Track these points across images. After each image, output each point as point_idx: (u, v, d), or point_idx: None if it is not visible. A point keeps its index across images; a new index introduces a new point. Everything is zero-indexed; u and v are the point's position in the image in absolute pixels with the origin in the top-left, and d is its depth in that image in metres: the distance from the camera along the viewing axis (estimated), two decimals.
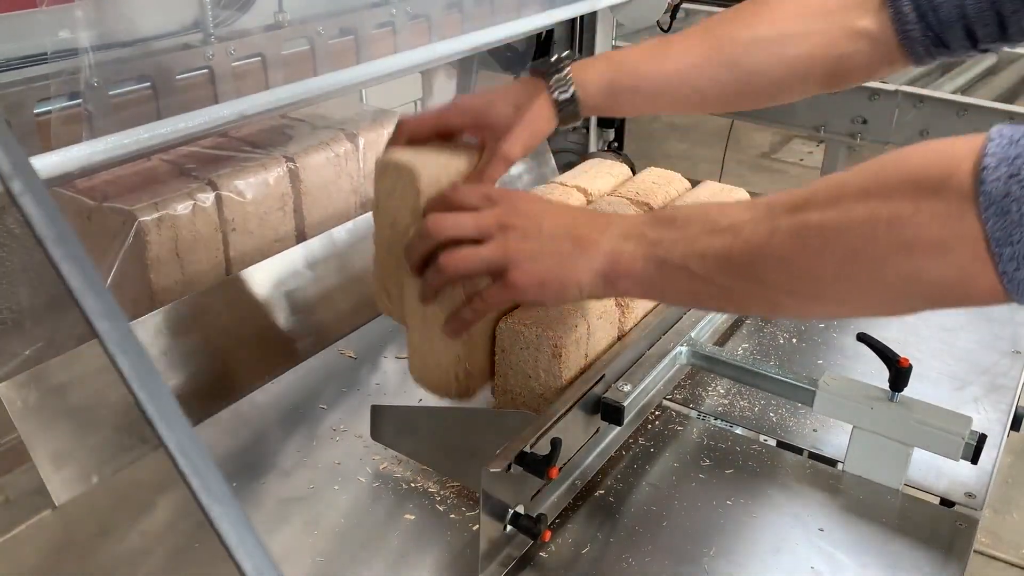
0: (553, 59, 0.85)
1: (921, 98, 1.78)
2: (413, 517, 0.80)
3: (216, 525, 0.26)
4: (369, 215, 1.18)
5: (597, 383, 0.80)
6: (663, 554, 0.76)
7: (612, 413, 0.81)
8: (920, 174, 0.54)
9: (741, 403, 0.97)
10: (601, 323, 0.83)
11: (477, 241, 0.71)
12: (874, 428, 0.83)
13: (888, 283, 0.57)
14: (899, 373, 0.81)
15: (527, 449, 0.71)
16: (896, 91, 1.81)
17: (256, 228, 1.09)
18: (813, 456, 0.89)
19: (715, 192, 1.11)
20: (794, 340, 1.09)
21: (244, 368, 1.00)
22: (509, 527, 0.73)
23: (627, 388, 0.83)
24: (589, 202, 1.08)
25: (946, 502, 0.83)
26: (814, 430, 0.92)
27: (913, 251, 0.54)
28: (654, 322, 0.91)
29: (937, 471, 0.86)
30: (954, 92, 1.86)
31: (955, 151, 0.54)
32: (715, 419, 0.94)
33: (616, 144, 1.78)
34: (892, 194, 0.55)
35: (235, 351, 1.00)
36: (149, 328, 0.93)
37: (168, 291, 1.00)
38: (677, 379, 0.99)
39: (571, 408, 0.77)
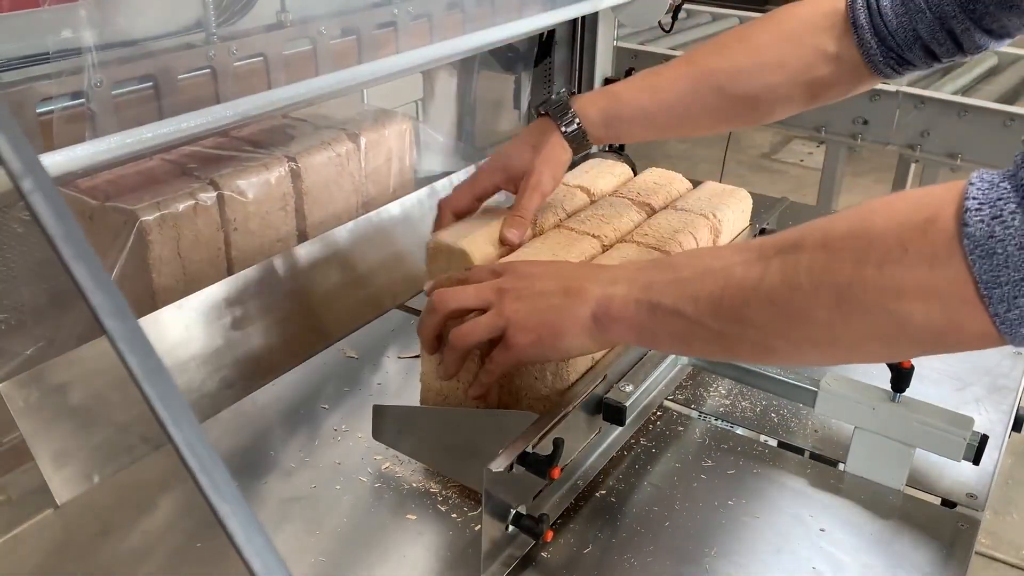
0: (553, 97, 0.96)
1: (922, 99, 1.78)
2: (415, 517, 0.80)
3: (225, 524, 0.26)
4: (370, 215, 1.19)
5: (599, 383, 0.80)
6: (665, 554, 0.76)
7: (614, 413, 0.81)
8: (905, 219, 0.54)
9: (743, 403, 0.97)
10: None
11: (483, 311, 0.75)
12: (876, 429, 0.83)
13: (880, 326, 0.56)
14: (901, 374, 0.82)
15: (529, 449, 0.71)
16: (897, 92, 1.81)
17: (258, 228, 1.09)
18: (814, 456, 0.89)
19: (716, 192, 1.11)
20: None
21: (247, 367, 1.00)
22: (511, 527, 0.73)
23: (629, 388, 0.83)
24: (592, 201, 1.08)
25: (947, 503, 0.83)
26: (815, 431, 0.93)
27: (903, 295, 0.54)
28: None
29: (939, 472, 0.86)
30: (955, 93, 1.86)
31: (937, 196, 0.54)
32: (716, 419, 0.94)
33: (618, 145, 1.78)
34: (880, 236, 0.55)
35: (238, 350, 1.00)
36: (151, 331, 0.93)
37: (170, 291, 1.00)
38: (679, 379, 0.99)
39: (573, 408, 0.77)
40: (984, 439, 0.79)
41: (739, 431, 0.93)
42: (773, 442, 0.91)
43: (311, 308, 1.09)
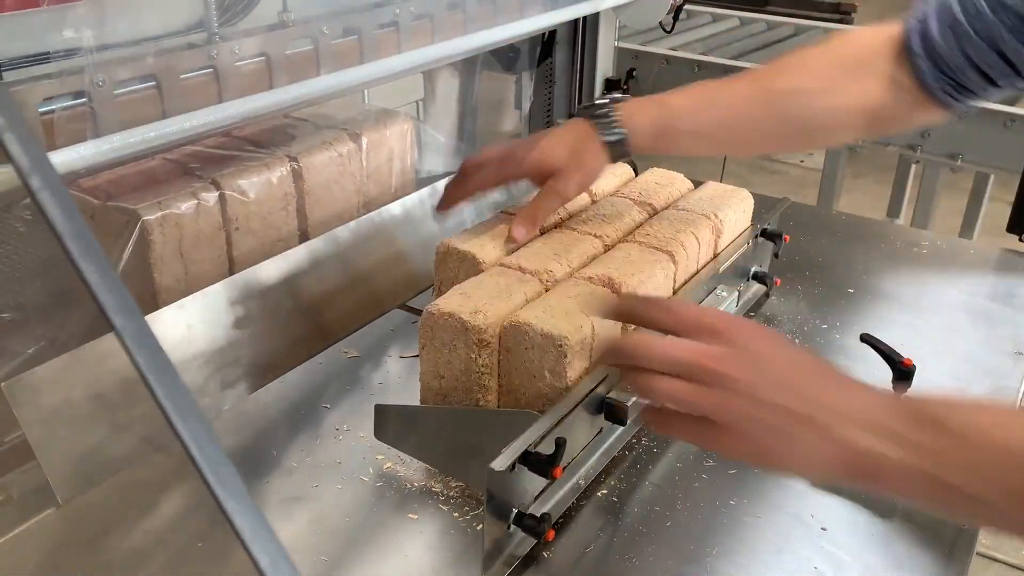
0: (599, 102, 0.92)
1: None
2: (416, 517, 0.80)
3: (232, 520, 0.27)
4: (371, 215, 1.19)
5: (601, 383, 0.80)
6: (666, 554, 0.76)
7: (616, 413, 0.81)
8: None
9: None
10: (606, 324, 0.83)
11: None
12: None
13: None
14: (902, 374, 0.82)
15: (531, 449, 0.71)
16: None
17: (259, 227, 1.10)
18: None
19: (718, 192, 1.11)
20: (797, 341, 1.09)
21: (249, 367, 1.00)
22: (513, 527, 0.73)
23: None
24: (594, 201, 1.08)
25: None
26: None
27: None
28: None
29: None
30: None
31: None
32: None
33: None
34: None
35: (239, 349, 1.00)
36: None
37: (171, 290, 1.00)
38: None
39: (575, 408, 0.77)
40: None
41: None
42: None
43: (312, 307, 1.09)
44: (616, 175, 1.15)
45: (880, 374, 0.83)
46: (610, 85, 1.71)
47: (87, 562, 0.75)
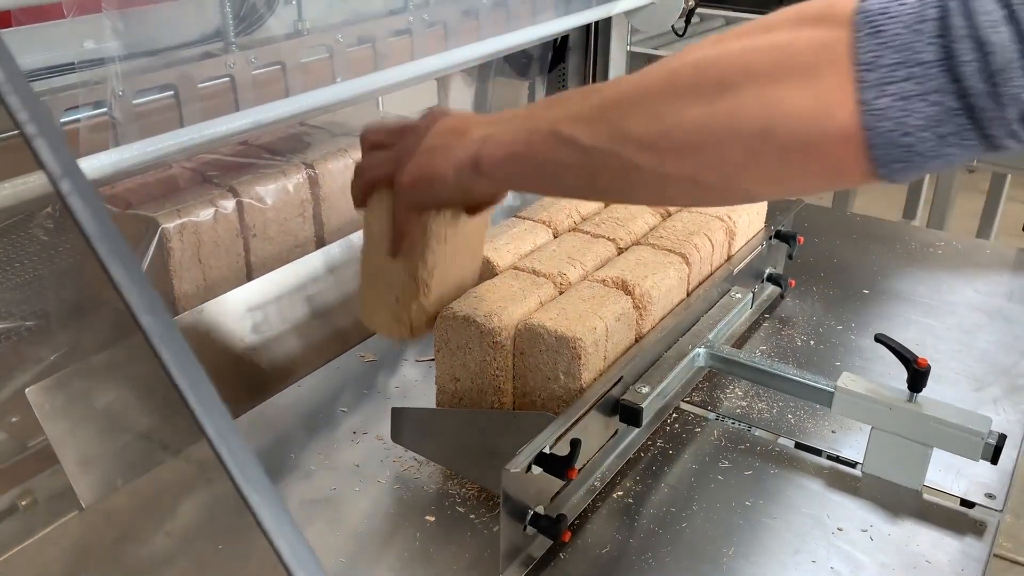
0: None
1: None
2: (434, 519, 0.80)
3: (256, 512, 0.27)
4: None
5: (615, 385, 0.81)
6: (682, 555, 0.76)
7: (631, 415, 0.82)
8: (804, 8, 0.52)
9: (759, 405, 0.97)
10: (619, 325, 0.84)
11: None
12: (892, 429, 0.83)
13: (746, 116, 0.51)
14: (917, 374, 0.82)
15: (547, 450, 0.72)
16: None
17: (276, 234, 1.11)
18: (831, 458, 0.89)
19: None
20: (812, 342, 1.09)
21: (267, 371, 1.01)
22: (529, 528, 0.74)
23: (645, 390, 0.83)
24: (607, 204, 1.09)
25: (966, 503, 0.83)
26: (832, 432, 0.93)
27: (779, 78, 0.49)
28: (671, 324, 0.92)
29: (956, 472, 0.86)
30: None
31: None
32: (733, 421, 0.94)
33: None
34: (772, 27, 0.52)
35: (258, 354, 1.01)
36: None
37: (190, 296, 1.01)
38: (695, 381, 0.99)
39: (590, 410, 0.77)
40: (1002, 438, 0.79)
41: (756, 432, 0.93)
42: (790, 443, 0.91)
43: (329, 312, 1.10)
44: None
45: (897, 374, 0.83)
46: None
47: (109, 565, 0.77)
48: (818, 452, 0.90)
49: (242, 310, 1.00)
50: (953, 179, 2.17)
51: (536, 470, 0.72)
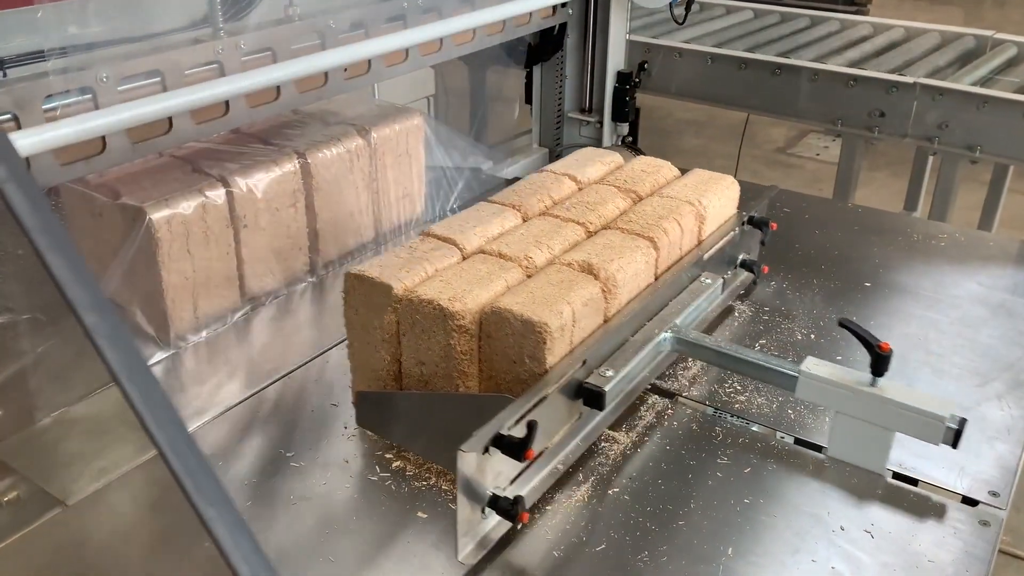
0: None
1: (940, 91, 1.75)
2: (425, 516, 0.79)
3: (211, 528, 0.25)
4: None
5: (579, 368, 0.79)
6: (679, 554, 0.75)
7: (593, 398, 0.80)
8: None
9: (759, 400, 0.95)
10: (587, 310, 0.82)
11: None
12: (855, 413, 0.82)
13: None
14: (879, 358, 0.81)
15: (504, 432, 0.70)
16: (915, 84, 1.78)
17: (268, 224, 1.09)
18: (798, 441, 0.88)
19: (703, 179, 1.11)
20: (812, 336, 1.07)
21: (257, 364, 1.00)
22: (487, 509, 0.72)
23: (609, 373, 0.81)
24: (579, 188, 1.08)
25: (969, 500, 0.81)
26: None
27: None
28: (638, 308, 0.90)
29: (960, 469, 0.84)
30: (974, 84, 1.82)
31: None
32: (732, 416, 0.93)
33: (631, 139, 1.77)
34: None
35: (248, 347, 0.99)
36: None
37: (179, 287, 0.99)
38: (664, 366, 0.97)
39: (551, 392, 0.76)
40: (963, 422, 0.78)
41: (755, 428, 0.91)
42: (789, 439, 0.90)
43: (321, 307, 1.08)
44: (604, 163, 1.15)
45: (898, 369, 0.82)
46: (622, 78, 1.69)
47: (94, 561, 0.75)
48: (818, 448, 0.88)
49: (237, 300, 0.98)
50: (955, 171, 2.14)
51: (494, 452, 0.70)
